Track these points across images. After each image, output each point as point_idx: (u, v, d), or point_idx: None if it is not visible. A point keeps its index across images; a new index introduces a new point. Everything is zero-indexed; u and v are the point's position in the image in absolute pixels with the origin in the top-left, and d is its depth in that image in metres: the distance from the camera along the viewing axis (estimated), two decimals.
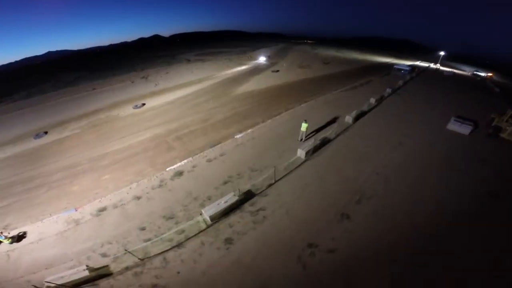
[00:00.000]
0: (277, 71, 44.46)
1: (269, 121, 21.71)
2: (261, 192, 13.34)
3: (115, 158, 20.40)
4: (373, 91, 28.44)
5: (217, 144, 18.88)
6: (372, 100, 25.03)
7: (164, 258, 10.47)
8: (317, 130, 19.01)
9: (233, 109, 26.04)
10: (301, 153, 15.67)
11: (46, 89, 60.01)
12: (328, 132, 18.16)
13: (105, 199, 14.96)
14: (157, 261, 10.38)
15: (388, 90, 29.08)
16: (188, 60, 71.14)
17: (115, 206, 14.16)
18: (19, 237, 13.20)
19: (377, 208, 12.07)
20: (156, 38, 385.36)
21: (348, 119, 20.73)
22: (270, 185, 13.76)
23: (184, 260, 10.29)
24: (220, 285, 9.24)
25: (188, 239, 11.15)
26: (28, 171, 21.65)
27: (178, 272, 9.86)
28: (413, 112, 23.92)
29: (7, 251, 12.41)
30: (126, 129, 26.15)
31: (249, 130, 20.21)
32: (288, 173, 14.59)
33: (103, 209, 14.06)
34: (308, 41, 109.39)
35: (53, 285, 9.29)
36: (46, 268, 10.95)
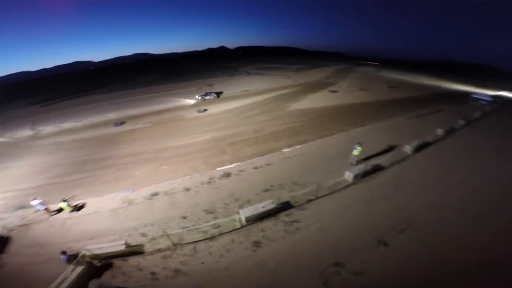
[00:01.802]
0: (335, 91, 44.32)
1: (320, 140, 22.12)
2: (299, 205, 13.81)
3: (175, 153, 23.48)
4: (442, 122, 26.08)
5: (265, 155, 20.26)
6: (440, 131, 23.02)
7: (194, 248, 11.69)
8: (371, 156, 18.67)
9: (285, 124, 27.33)
10: (349, 175, 15.64)
11: (128, 86, 70.98)
12: (382, 159, 17.73)
13: (159, 186, 17.42)
14: (187, 249, 11.67)
15: (461, 122, 26.19)
16: (248, 73, 75.74)
17: (166, 193, 16.39)
18: (79, 208, 16.04)
19: (422, 240, 11.50)
20: (222, 49, 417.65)
21: (408, 149, 19.67)
22: (310, 200, 14.13)
23: (211, 252, 11.37)
24: (239, 281, 9.94)
25: (220, 234, 12.26)
26: (103, 152, 26.38)
27: (203, 263, 10.90)
28: (488, 149, 21.09)
29: (65, 218, 15.24)
30: (188, 129, 29.73)
31: (298, 146, 21.06)
32: (332, 193, 14.74)
33: (155, 194, 16.40)
34: (372, 63, 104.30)
35: (89, 253, 11.14)
36: (90, 239, 13.09)
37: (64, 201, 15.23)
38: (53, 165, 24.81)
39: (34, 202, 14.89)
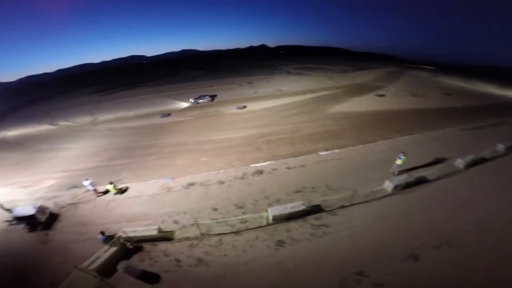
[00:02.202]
0: (383, 95, 41.35)
1: (361, 146, 20.97)
2: (331, 210, 13.38)
3: (214, 146, 24.39)
4: (504, 136, 22.80)
5: (300, 156, 19.87)
6: (500, 147, 20.06)
7: (220, 239, 12.01)
8: (415, 168, 17.21)
9: (324, 126, 26.43)
10: (388, 185, 14.71)
11: (174, 80, 75.59)
12: (427, 172, 16.23)
13: (196, 177, 18.24)
14: (213, 240, 12.02)
15: None
16: (288, 72, 74.99)
17: (201, 184, 17.11)
18: (122, 191, 17.39)
19: (457, 259, 10.46)
20: (263, 47, 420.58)
21: (460, 163, 17.61)
22: (343, 206, 13.61)
23: (235, 246, 11.58)
24: (256, 277, 10.02)
25: (246, 229, 12.42)
26: (149, 140, 28.44)
27: (225, 255, 11.17)
28: None
29: (109, 200, 16.59)
30: (228, 124, 30.66)
31: (336, 150, 20.23)
32: (367, 201, 14.02)
33: (192, 184, 17.20)
34: (427, 67, 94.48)
35: (124, 235, 11.90)
36: (127, 221, 14.09)
37: (111, 183, 16.74)
38: (105, 149, 27.59)
39: (85, 183, 16.59)
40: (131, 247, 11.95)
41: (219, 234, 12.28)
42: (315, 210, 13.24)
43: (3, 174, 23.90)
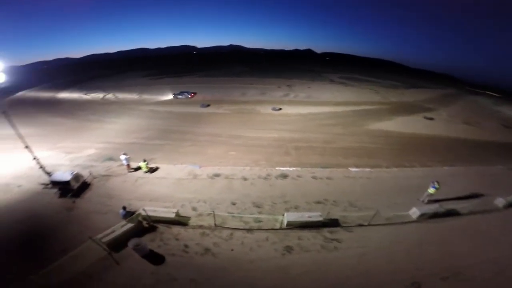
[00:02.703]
0: (431, 118, 37.80)
1: (395, 169, 19.60)
2: (348, 226, 12.90)
3: (244, 142, 24.81)
4: None
5: (328, 168, 19.21)
6: None
7: (231, 234, 12.14)
8: (448, 199, 15.73)
9: (360, 142, 25.12)
10: (414, 212, 13.81)
11: (218, 74, 78.28)
12: (460, 205, 14.85)
13: (223, 169, 18.70)
14: (225, 233, 12.19)
15: None
16: (332, 81, 72.78)
17: (226, 177, 17.48)
18: (153, 170, 18.36)
19: None
20: (309, 52, 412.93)
21: (500, 201, 15.72)
22: (361, 225, 13.04)
23: (244, 243, 11.64)
24: (258, 277, 10.01)
25: (259, 229, 12.44)
26: (186, 126, 29.92)
27: (232, 250, 11.28)
28: None
29: (138, 177, 17.61)
30: (261, 123, 30.96)
31: (367, 169, 19.18)
32: (387, 224, 13.27)
33: (217, 175, 17.69)
34: (491, 93, 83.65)
35: (144, 213, 12.37)
36: (150, 200, 14.79)
37: (144, 161, 17.88)
38: (145, 128, 29.67)
39: (122, 157, 17.89)
40: (146, 226, 12.52)
41: (232, 228, 12.47)
42: (331, 223, 12.88)
43: (54, 138, 26.92)
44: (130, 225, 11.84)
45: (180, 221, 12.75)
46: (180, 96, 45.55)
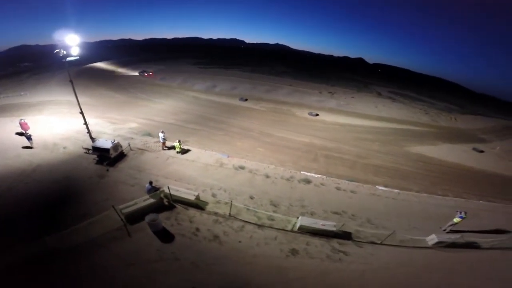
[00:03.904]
0: (482, 151, 33.58)
1: (425, 195, 18.15)
2: (359, 241, 12.49)
3: (274, 141, 25.00)
4: None
5: (355, 182, 18.45)
6: None
7: (243, 226, 12.42)
8: (472, 231, 14.37)
9: (395, 163, 23.50)
10: (432, 239, 12.95)
11: (261, 71, 79.11)
12: (483, 239, 13.51)
13: (248, 163, 19.18)
14: (236, 224, 12.51)
15: None
16: (379, 94, 68.61)
17: (250, 171, 17.90)
18: (184, 152, 19.47)
19: None
20: (359, 61, 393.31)
21: None
22: (372, 242, 12.52)
23: (252, 237, 11.85)
24: (256, 272, 10.14)
25: (270, 227, 12.57)
26: (222, 116, 31.16)
27: (240, 241, 11.52)
28: None
29: (170, 156, 18.80)
30: (295, 126, 30.73)
31: (396, 190, 18.00)
32: (400, 246, 12.61)
33: (242, 168, 18.21)
34: None
35: (167, 191, 12.95)
36: (176, 180, 15.65)
37: (179, 142, 19.10)
38: (185, 112, 31.58)
39: (160, 134, 19.35)
40: (166, 204, 13.29)
41: (244, 221, 12.76)
42: (343, 236, 12.61)
43: (104, 108, 30.22)
44: (152, 200, 12.59)
45: (198, 205, 13.36)
46: (143, 73, 55.71)
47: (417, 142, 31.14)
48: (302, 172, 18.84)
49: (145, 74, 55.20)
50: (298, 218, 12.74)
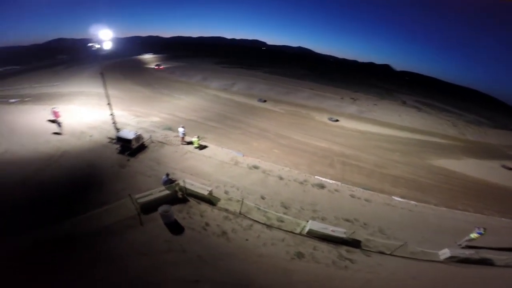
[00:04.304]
0: (511, 169, 31.35)
1: (444, 209, 17.34)
2: (367, 250, 12.17)
3: (290, 144, 25.00)
4: None
5: (370, 191, 17.99)
6: None
7: (251, 225, 12.50)
8: (489, 248, 13.65)
9: (415, 175, 22.55)
10: (444, 253, 12.41)
11: (281, 73, 78.99)
12: (498, 257, 12.81)
13: (263, 163, 19.31)
14: (245, 222, 12.61)
15: None
16: (404, 102, 66.02)
17: (264, 171, 17.98)
18: (202, 148, 19.94)
19: None
20: (386, 68, 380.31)
21: None
22: (381, 252, 12.16)
23: (260, 237, 11.88)
24: (261, 271, 10.14)
25: (278, 228, 12.56)
26: (241, 116, 31.65)
27: (247, 240, 11.60)
28: None
29: (188, 151, 19.30)
30: (313, 130, 30.52)
31: (413, 202, 17.32)
32: (410, 258, 12.19)
33: (256, 167, 18.35)
34: None
35: (182, 184, 13.29)
36: (191, 174, 16.03)
37: (197, 137, 19.67)
38: (205, 109, 32.39)
39: (180, 129, 20.04)
40: (180, 197, 13.64)
41: (254, 220, 12.86)
42: (352, 243, 12.35)
43: (130, 102, 31.83)
44: (167, 192, 12.93)
45: (210, 200, 13.63)
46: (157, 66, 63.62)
47: (441, 155, 29.69)
48: (316, 176, 18.66)
49: (156, 67, 64.44)
50: (308, 222, 12.64)
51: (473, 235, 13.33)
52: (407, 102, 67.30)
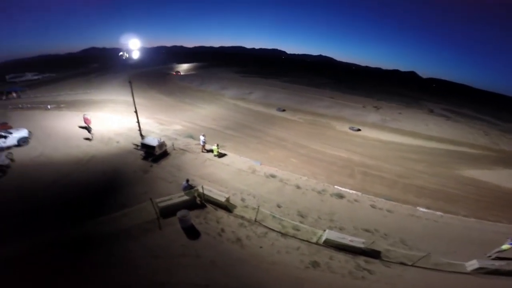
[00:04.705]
0: None
1: (473, 219, 16.24)
2: (387, 261, 11.67)
3: (308, 153, 24.82)
4: None
5: (393, 201, 17.28)
6: None
7: (266, 233, 12.50)
8: None
9: (441, 185, 21.31)
10: (472, 264, 11.69)
11: (300, 82, 79.05)
12: None
13: (280, 172, 19.35)
14: (260, 230, 12.65)
15: None
16: (431, 111, 62.98)
17: (281, 180, 18.01)
18: (221, 155, 20.46)
19: None
20: (411, 75, 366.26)
21: None
22: (402, 263, 11.60)
23: (274, 245, 11.83)
24: (272, 279, 10.06)
25: (293, 237, 12.43)
26: (259, 125, 31.99)
27: (261, 247, 11.58)
28: None
29: (208, 158, 19.84)
30: (332, 140, 30.05)
31: (439, 213, 16.37)
32: (433, 269, 11.50)
33: (273, 176, 18.44)
34: None
35: (201, 190, 13.61)
36: (210, 181, 16.38)
37: (217, 146, 20.21)
38: (225, 118, 33.18)
39: (201, 137, 20.77)
40: (198, 203, 14.04)
41: (269, 228, 12.87)
42: (371, 254, 11.91)
43: (154, 110, 33.48)
44: (186, 197, 13.43)
45: (227, 207, 13.92)
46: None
47: (471, 166, 27.82)
48: (335, 186, 18.33)
49: (174, 73, 75.84)
50: (325, 231, 12.44)
51: (505, 246, 12.51)
52: (435, 111, 64.18)
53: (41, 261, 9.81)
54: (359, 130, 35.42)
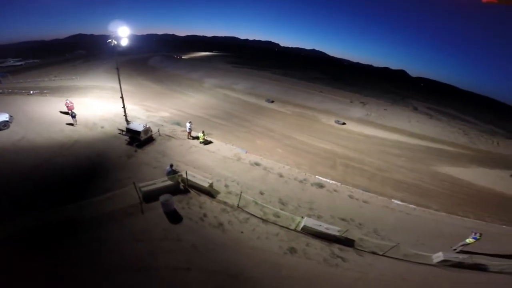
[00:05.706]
0: None
1: (444, 213, 17.29)
2: (360, 250, 12.39)
3: (294, 144, 25.37)
4: None
5: (370, 193, 18.11)
6: None
7: (247, 219, 12.91)
8: (484, 254, 13.53)
9: (418, 180, 22.41)
10: (438, 256, 12.47)
11: (292, 74, 79.28)
12: (492, 262, 12.79)
13: (264, 161, 19.83)
14: (242, 216, 13.04)
15: None
16: (415, 109, 64.94)
17: (264, 168, 18.49)
18: (207, 143, 20.64)
19: None
20: (401, 73, 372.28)
21: None
22: (374, 252, 12.34)
23: (255, 230, 12.26)
24: (251, 263, 10.48)
25: (273, 223, 12.92)
26: (247, 115, 32.31)
27: (242, 232, 11.99)
28: None
29: (193, 145, 20.00)
30: (318, 132, 30.68)
31: (412, 206, 17.34)
32: (402, 260, 12.26)
33: (257, 164, 18.87)
34: None
35: (185, 176, 13.80)
36: (194, 167, 16.66)
37: (203, 133, 20.39)
38: (214, 107, 33.19)
39: (187, 124, 20.84)
40: (181, 188, 14.20)
41: (250, 214, 13.28)
42: (345, 242, 12.60)
43: (141, 96, 33.20)
44: (169, 182, 13.53)
45: (210, 192, 14.17)
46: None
47: (448, 163, 29.24)
48: (317, 176, 18.97)
49: (175, 56, 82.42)
50: (303, 218, 12.97)
51: (469, 240, 13.35)
52: (419, 109, 66.25)
53: (22, 245, 9.82)
54: (344, 123, 36.24)
